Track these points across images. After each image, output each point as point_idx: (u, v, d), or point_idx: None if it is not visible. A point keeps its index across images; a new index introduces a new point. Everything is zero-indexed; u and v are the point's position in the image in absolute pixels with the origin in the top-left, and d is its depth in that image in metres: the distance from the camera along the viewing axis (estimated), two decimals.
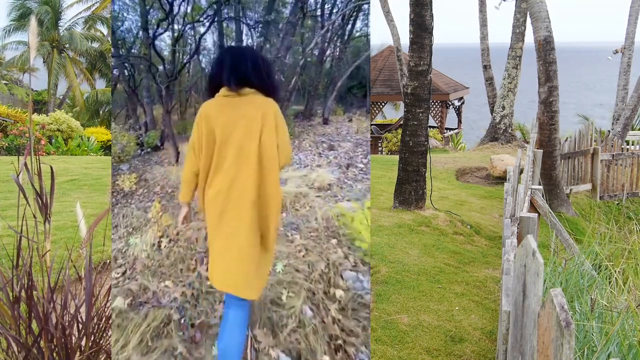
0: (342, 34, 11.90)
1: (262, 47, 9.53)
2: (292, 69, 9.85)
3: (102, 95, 26.77)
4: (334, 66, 12.57)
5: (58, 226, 5.72)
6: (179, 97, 11.12)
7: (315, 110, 13.20)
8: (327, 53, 12.18)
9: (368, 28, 13.70)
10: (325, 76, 13.03)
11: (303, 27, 10.17)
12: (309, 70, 11.86)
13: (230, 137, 2.32)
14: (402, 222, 6.74)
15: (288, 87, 10.50)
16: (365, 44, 13.06)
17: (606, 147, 10.97)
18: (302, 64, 9.94)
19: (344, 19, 11.53)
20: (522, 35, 14.98)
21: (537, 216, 4.20)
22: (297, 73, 10.18)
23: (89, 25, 29.70)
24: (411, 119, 7.19)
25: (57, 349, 2.48)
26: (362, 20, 12.89)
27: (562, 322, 1.40)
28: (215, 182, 2.33)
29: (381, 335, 4.02)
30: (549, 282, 3.37)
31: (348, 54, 12.92)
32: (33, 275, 2.52)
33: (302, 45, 9.90)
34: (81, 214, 2.79)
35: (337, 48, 12.30)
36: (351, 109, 16.69)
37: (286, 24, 9.08)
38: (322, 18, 10.68)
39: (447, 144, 18.72)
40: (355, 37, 12.87)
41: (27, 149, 2.63)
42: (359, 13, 12.00)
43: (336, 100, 13.46)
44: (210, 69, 2.51)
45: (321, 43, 10.91)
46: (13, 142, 14.49)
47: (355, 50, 13.12)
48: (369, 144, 8.76)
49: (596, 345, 2.49)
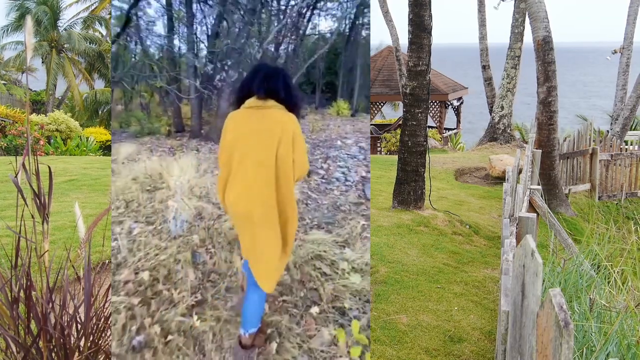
0: (296, 30, 11.77)
1: (217, 33, 9.27)
2: (251, 61, 9.57)
3: (101, 95, 26.75)
4: (289, 62, 12.41)
5: (57, 226, 5.71)
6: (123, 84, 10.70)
7: None
8: (282, 48, 12.07)
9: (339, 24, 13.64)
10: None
11: (261, 18, 9.95)
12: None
13: (251, 148, 2.53)
14: (401, 222, 6.74)
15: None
16: (320, 42, 13.04)
17: (605, 147, 10.99)
18: (260, 56, 9.66)
19: (300, 15, 11.42)
20: (521, 35, 15.00)
21: (535, 216, 4.20)
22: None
23: (87, 26, 29.68)
24: (410, 119, 7.19)
25: (55, 349, 2.48)
26: (320, 17, 12.99)
27: (561, 322, 1.40)
28: (236, 187, 2.55)
29: (380, 335, 4.02)
30: (547, 282, 3.37)
31: (303, 51, 12.80)
32: (32, 276, 2.52)
33: (260, 38, 9.64)
34: (80, 214, 2.79)
35: (290, 44, 12.19)
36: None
37: (245, 12, 8.82)
38: (277, 11, 10.53)
39: (446, 144, 18.73)
40: (309, 35, 12.77)
41: (25, 149, 2.63)
42: (314, 10, 11.97)
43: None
44: (241, 82, 2.74)
45: (276, 37, 10.78)
46: (12, 142, 14.47)
47: (313, 47, 13.03)
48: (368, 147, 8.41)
49: (595, 345, 2.49)
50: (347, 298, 3.42)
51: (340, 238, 4.40)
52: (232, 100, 2.79)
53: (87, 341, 2.54)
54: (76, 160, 11.47)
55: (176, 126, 10.77)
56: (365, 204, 5.49)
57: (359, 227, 4.66)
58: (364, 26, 14.44)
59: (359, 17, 14.11)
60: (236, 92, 2.73)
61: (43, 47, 26.19)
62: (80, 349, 2.53)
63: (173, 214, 4.84)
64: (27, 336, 2.48)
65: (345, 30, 13.85)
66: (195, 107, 10.07)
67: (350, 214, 5.10)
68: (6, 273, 2.61)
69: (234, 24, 9.06)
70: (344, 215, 5.07)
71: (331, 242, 4.30)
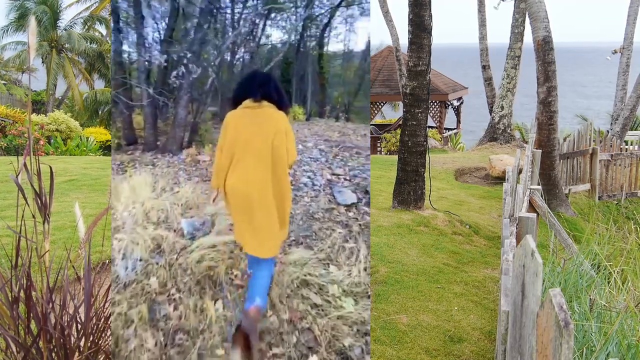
0: (253, 39, 11.74)
1: (171, 36, 8.45)
2: (208, 67, 9.23)
3: (101, 95, 26.75)
4: (246, 70, 12.35)
5: (57, 226, 5.71)
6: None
7: (227, 111, 12.99)
8: (237, 57, 12.01)
9: (296, 36, 13.88)
10: (239, 79, 12.75)
11: (217, 25, 9.71)
12: (222, 70, 11.46)
13: (250, 141, 3.00)
14: (401, 222, 6.74)
15: (204, 88, 9.18)
16: (274, 52, 13.15)
17: (605, 147, 10.99)
18: (218, 62, 9.34)
19: (254, 25, 11.37)
20: (521, 35, 15.00)
21: (536, 216, 4.20)
22: (214, 73, 9.16)
23: (87, 26, 29.69)
24: (410, 119, 7.19)
25: (55, 349, 2.48)
26: (272, 28, 13.07)
27: (561, 322, 1.40)
28: (236, 175, 2.98)
29: (380, 335, 4.02)
30: (547, 282, 3.37)
31: (260, 59, 12.81)
32: (32, 276, 2.52)
33: (216, 44, 9.40)
34: (80, 214, 2.79)
35: (246, 53, 12.15)
36: None
37: (200, 14, 8.30)
38: (232, 20, 10.39)
39: (446, 144, 18.73)
40: (264, 44, 12.79)
41: (26, 149, 2.63)
42: (267, 20, 12.00)
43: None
44: (236, 87, 3.21)
45: (232, 45, 10.65)
46: (12, 143, 14.47)
47: (268, 56, 13.11)
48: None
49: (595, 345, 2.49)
50: (346, 334, 3.02)
51: (322, 254, 4.03)
52: (229, 101, 3.22)
53: (87, 341, 2.54)
54: (76, 160, 11.47)
55: (126, 138, 9.46)
56: (337, 208, 5.23)
57: (339, 238, 4.36)
58: (311, 38, 14.92)
59: (306, 30, 14.50)
60: (233, 94, 3.19)
61: (43, 47, 26.19)
62: (80, 349, 2.53)
63: (121, 253, 3.84)
64: (27, 336, 2.49)
65: (295, 42, 14.20)
66: (149, 116, 8.97)
67: (325, 222, 4.78)
68: (6, 273, 2.61)
69: (189, 28, 8.63)
70: (320, 225, 4.71)
71: (314, 260, 3.89)
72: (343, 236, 4.42)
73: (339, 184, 6.32)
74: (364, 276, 3.70)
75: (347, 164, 7.63)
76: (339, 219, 4.92)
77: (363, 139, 11.22)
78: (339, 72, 16.09)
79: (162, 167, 7.04)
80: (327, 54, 15.27)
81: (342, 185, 6.22)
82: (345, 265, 3.83)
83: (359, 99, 15.42)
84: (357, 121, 14.29)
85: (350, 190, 5.90)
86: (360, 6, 13.27)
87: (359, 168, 7.41)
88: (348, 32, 15.15)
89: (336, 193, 5.75)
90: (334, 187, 6.05)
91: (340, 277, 3.64)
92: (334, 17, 14.22)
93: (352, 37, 15.28)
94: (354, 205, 5.36)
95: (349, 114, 14.94)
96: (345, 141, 10.16)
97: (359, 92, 15.49)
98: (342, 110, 15.34)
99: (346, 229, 4.62)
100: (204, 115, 9.46)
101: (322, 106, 15.43)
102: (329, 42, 14.87)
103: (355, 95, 15.55)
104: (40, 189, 2.58)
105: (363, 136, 11.91)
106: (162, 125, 9.64)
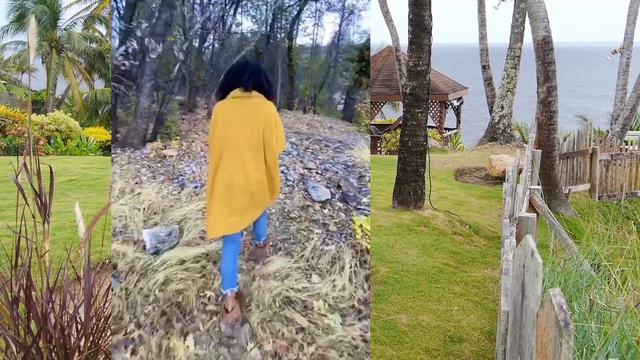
0: (222, 25, 11.55)
1: (130, 17, 7.77)
2: (176, 53, 8.72)
3: (101, 95, 26.74)
4: (215, 58, 12.10)
5: (57, 226, 5.71)
6: None
7: (197, 101, 12.52)
8: (206, 45, 11.82)
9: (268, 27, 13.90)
10: (208, 67, 12.42)
11: (185, 5, 9.39)
12: (190, 57, 11.10)
13: (242, 131, 3.04)
14: (401, 222, 6.74)
15: (170, 75, 8.35)
16: (244, 42, 13.08)
17: (605, 147, 10.99)
18: (185, 47, 8.86)
19: (224, 12, 11.15)
20: (520, 35, 15.00)
21: (535, 216, 4.20)
22: (180, 60, 8.40)
23: (87, 25, 29.68)
24: (410, 119, 7.19)
25: (55, 349, 2.48)
26: (242, 17, 12.96)
27: (561, 322, 1.40)
28: (232, 163, 3.03)
29: (380, 335, 4.02)
30: (547, 282, 3.37)
31: (231, 47, 12.68)
32: (32, 276, 2.52)
33: (183, 28, 9.03)
34: (80, 214, 2.79)
35: (216, 40, 11.97)
36: None
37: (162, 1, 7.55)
38: (200, 5, 10.09)
39: (446, 144, 18.73)
40: (234, 32, 12.63)
41: (26, 149, 2.63)
42: (237, 8, 11.91)
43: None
44: (226, 76, 3.20)
45: (201, 32, 10.36)
46: (12, 142, 14.47)
47: (238, 45, 13.01)
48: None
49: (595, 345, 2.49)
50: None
51: (302, 261, 3.71)
52: (217, 91, 3.22)
53: (87, 341, 2.54)
54: (76, 160, 11.47)
55: None
56: (312, 205, 5.06)
57: (318, 240, 4.10)
58: (281, 30, 14.97)
59: (276, 21, 14.52)
60: (222, 84, 3.19)
61: (43, 47, 26.18)
62: (80, 349, 2.53)
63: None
64: (27, 336, 2.48)
65: (265, 32, 14.23)
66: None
67: (302, 222, 4.51)
68: (6, 273, 2.61)
69: (153, 9, 7.72)
70: (297, 225, 4.44)
71: (295, 270, 3.58)
72: (322, 239, 4.16)
73: (311, 178, 6.16)
74: (351, 288, 3.32)
75: (318, 157, 7.47)
76: (315, 217, 4.67)
77: (330, 131, 11.03)
78: (306, 65, 16.27)
79: (120, 164, 5.99)
80: (296, 47, 15.32)
81: (315, 180, 6.08)
82: (329, 274, 3.52)
83: (323, 92, 15.68)
84: (323, 113, 14.42)
85: (323, 185, 5.82)
86: (327, 1, 13.37)
87: (329, 161, 7.30)
88: (315, 26, 15.29)
89: (310, 189, 5.59)
90: (307, 182, 5.87)
91: (324, 290, 3.31)
92: (303, 10, 14.28)
93: (319, 32, 15.45)
94: (328, 202, 5.24)
95: (316, 107, 15.08)
96: (314, 134, 10.03)
97: (324, 85, 15.73)
98: (309, 102, 15.40)
99: (323, 229, 4.39)
100: (171, 105, 8.57)
101: (290, 98, 15.47)
102: (297, 34, 14.95)
103: (320, 88, 15.75)
104: (40, 189, 2.58)
105: (329, 128, 11.80)
106: (122, 115, 8.61)
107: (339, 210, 4.95)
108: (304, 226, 4.44)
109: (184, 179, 5.72)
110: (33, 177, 2.60)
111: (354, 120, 13.69)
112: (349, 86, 14.70)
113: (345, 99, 15.10)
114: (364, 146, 9.05)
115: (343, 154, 8.10)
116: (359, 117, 13.03)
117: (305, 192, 5.52)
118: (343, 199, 5.40)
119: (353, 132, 11.56)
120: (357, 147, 8.80)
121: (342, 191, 5.75)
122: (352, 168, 7.10)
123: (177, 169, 6.17)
